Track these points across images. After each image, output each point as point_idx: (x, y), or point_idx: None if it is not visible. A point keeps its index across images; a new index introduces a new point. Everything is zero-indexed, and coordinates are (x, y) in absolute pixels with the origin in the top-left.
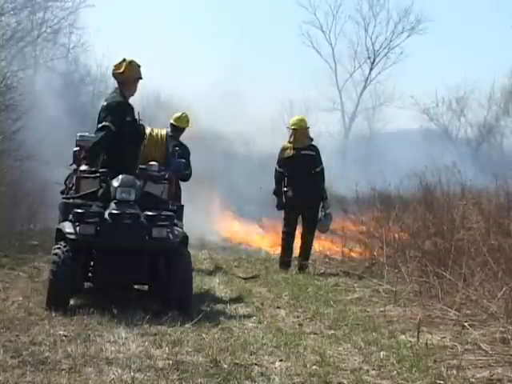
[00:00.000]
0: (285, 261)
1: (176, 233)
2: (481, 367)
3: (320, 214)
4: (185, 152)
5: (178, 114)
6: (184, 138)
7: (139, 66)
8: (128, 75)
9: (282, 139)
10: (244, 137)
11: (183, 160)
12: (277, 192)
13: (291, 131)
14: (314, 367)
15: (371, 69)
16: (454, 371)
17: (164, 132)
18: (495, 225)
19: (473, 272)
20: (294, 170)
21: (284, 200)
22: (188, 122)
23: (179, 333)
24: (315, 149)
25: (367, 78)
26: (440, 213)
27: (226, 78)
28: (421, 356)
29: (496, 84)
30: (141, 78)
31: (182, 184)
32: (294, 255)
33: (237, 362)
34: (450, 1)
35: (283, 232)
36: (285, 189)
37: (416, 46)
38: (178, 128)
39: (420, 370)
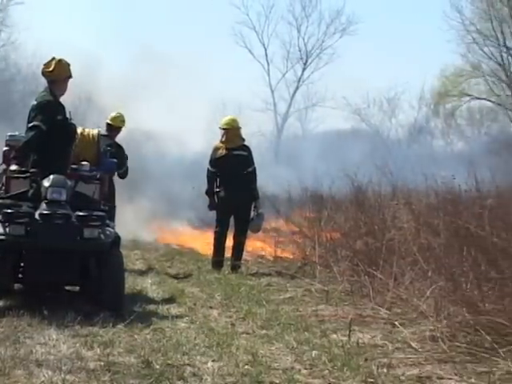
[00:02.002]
0: (217, 261)
1: (108, 233)
2: (410, 365)
3: (252, 214)
4: (119, 152)
5: (114, 114)
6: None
7: (69, 65)
8: (58, 74)
9: (214, 139)
10: (176, 137)
11: (115, 160)
12: (209, 192)
13: (223, 131)
14: (247, 367)
15: (304, 69)
16: (385, 369)
17: (96, 132)
18: (425, 224)
19: (403, 271)
20: (226, 170)
21: (216, 200)
22: (123, 121)
23: (111, 334)
24: (247, 149)
25: (300, 79)
26: (371, 213)
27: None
28: (352, 355)
29: (426, 85)
30: (71, 77)
31: (118, 184)
32: (226, 255)
33: (169, 362)
34: (381, 3)
35: (215, 232)
36: (217, 189)
37: (348, 47)
38: (113, 127)
39: (351, 368)
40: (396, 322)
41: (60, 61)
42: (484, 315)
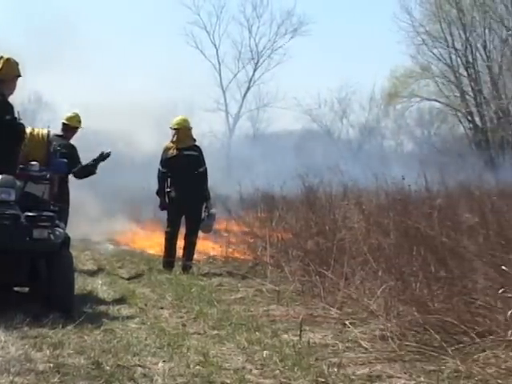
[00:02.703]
0: (168, 261)
1: (57, 234)
2: (361, 364)
3: (203, 214)
4: (72, 152)
5: (70, 114)
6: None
7: (17, 64)
8: (6, 73)
9: (165, 140)
10: (127, 137)
11: (65, 160)
12: (160, 192)
13: (174, 131)
14: (198, 367)
15: (255, 70)
16: (335, 369)
17: (45, 132)
18: (375, 224)
19: (354, 271)
20: (177, 170)
21: (167, 200)
22: (79, 121)
23: (60, 335)
24: (198, 149)
25: (251, 79)
26: (322, 213)
27: (109, 78)
28: (303, 354)
29: (376, 86)
30: (19, 76)
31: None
32: (177, 255)
33: (119, 363)
34: (333, 4)
35: (166, 232)
36: (168, 189)
37: (299, 47)
38: (69, 127)
39: (302, 368)
40: (347, 322)
41: (8, 60)
42: (433, 314)
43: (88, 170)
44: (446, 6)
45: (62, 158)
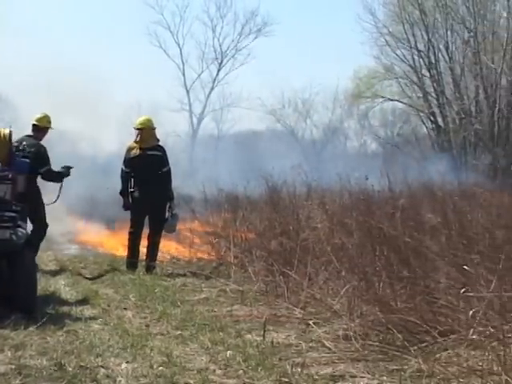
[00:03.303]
0: (132, 262)
1: (19, 234)
2: (324, 364)
3: (167, 215)
4: (41, 153)
5: (40, 115)
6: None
7: None
8: None
9: (129, 140)
10: (90, 137)
11: (27, 160)
12: (123, 192)
13: (138, 131)
14: (161, 368)
15: (219, 70)
16: (299, 368)
17: (7, 131)
18: (339, 224)
19: (317, 271)
20: (140, 170)
21: (131, 200)
22: (50, 122)
23: (22, 336)
24: (162, 149)
25: (215, 79)
26: (286, 213)
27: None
28: (266, 354)
29: (340, 86)
30: None
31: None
32: (141, 256)
33: (82, 364)
34: (296, 4)
35: (129, 233)
36: (131, 189)
37: (263, 47)
38: (39, 128)
39: (266, 368)
40: (310, 322)
41: None
42: (396, 314)
43: (54, 175)
44: (408, 7)
45: (27, 158)
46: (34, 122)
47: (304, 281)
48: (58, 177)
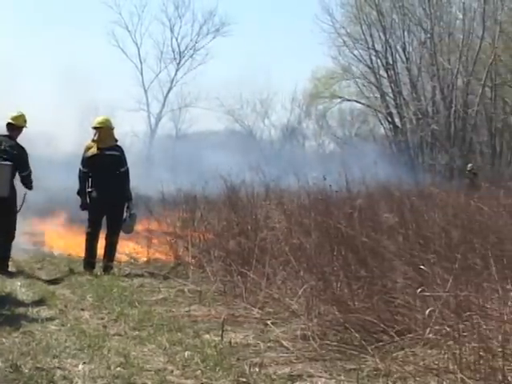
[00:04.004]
0: (89, 262)
1: None
2: (282, 364)
3: (125, 215)
4: (22, 153)
5: (15, 114)
6: None
7: None
8: None
9: (87, 140)
10: (47, 137)
11: (9, 163)
12: (80, 192)
13: (96, 130)
14: (118, 369)
15: (177, 69)
16: (257, 368)
17: None
18: (297, 224)
19: (275, 271)
20: (98, 170)
21: (88, 200)
22: (25, 121)
23: None
24: (120, 149)
25: (173, 79)
26: (244, 213)
27: (30, 76)
28: (224, 354)
29: (298, 87)
30: None
31: None
32: (98, 256)
33: (38, 366)
34: (255, 5)
35: (87, 233)
36: (89, 189)
37: (222, 47)
38: (15, 127)
39: (223, 368)
40: (268, 322)
41: None
42: (353, 313)
43: (31, 181)
44: (366, 8)
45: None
46: (10, 121)
47: (262, 281)
48: (32, 183)
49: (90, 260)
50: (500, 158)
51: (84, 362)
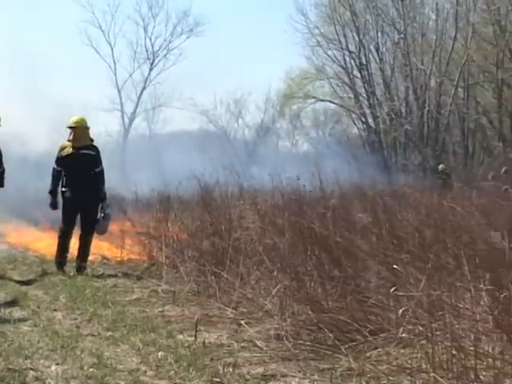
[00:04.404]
0: (62, 262)
1: None
2: (256, 364)
3: (99, 215)
4: None
5: None
6: None
7: None
8: None
9: (60, 140)
10: (20, 137)
11: None
12: (52, 191)
13: (71, 130)
14: (91, 369)
15: (151, 69)
16: (230, 368)
17: None
18: (271, 224)
19: (249, 271)
20: (72, 170)
21: (62, 200)
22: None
23: None
24: (95, 149)
25: (147, 79)
26: (218, 213)
27: None
28: (198, 355)
29: (272, 87)
30: None
31: None
32: (72, 256)
33: (10, 367)
34: (229, 5)
35: (60, 232)
36: (63, 188)
37: (196, 47)
38: None
39: (197, 368)
40: (242, 322)
41: None
42: (327, 313)
43: (3, 179)
44: (340, 8)
45: None
46: None
47: (236, 281)
48: (3, 181)
49: (63, 260)
50: (472, 159)
51: (57, 363)
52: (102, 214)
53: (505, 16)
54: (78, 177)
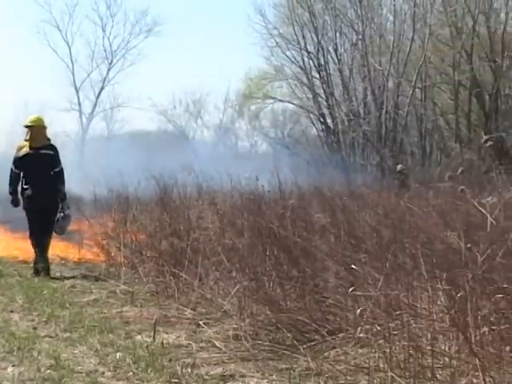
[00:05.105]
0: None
1: None
2: (214, 364)
3: (58, 215)
4: None
5: None
6: None
7: None
8: None
9: (17, 141)
10: None
11: None
12: (12, 193)
13: (28, 129)
14: (49, 371)
15: (109, 69)
16: (189, 369)
17: None
18: (229, 225)
19: (208, 271)
20: (31, 170)
21: (24, 202)
22: None
23: None
24: (54, 148)
25: (105, 79)
26: (177, 213)
27: None
28: (156, 355)
29: (231, 87)
30: None
31: None
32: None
33: None
34: (188, 5)
35: (32, 237)
36: (25, 186)
37: (155, 47)
38: None
39: (155, 369)
40: (200, 322)
41: None
42: (285, 313)
43: None
44: (298, 9)
45: None
46: None
47: (194, 281)
48: None
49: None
50: (430, 159)
51: (13, 365)
52: (62, 214)
53: (461, 18)
54: (37, 177)
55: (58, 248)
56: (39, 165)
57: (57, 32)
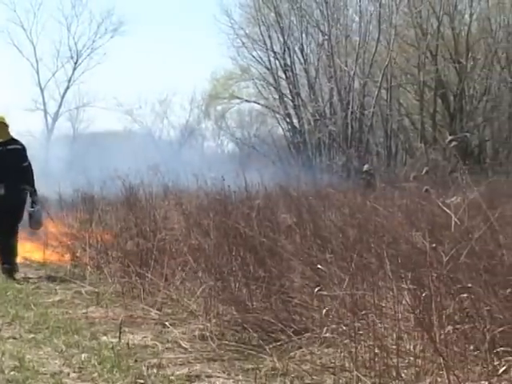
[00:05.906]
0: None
1: None
2: (180, 364)
3: (30, 210)
4: None
5: None
6: None
7: None
8: None
9: None
10: None
11: None
12: None
13: None
14: (13, 373)
15: (74, 69)
16: (155, 370)
17: None
18: (195, 225)
19: (174, 271)
20: (1, 166)
21: None
22: None
23: None
24: (20, 143)
25: (70, 78)
26: (143, 214)
27: None
28: (122, 356)
29: (197, 87)
30: None
31: None
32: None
33: None
34: (153, 5)
35: (1, 236)
36: None
37: (120, 47)
38: None
39: (121, 370)
40: (166, 323)
41: None
42: (252, 313)
43: None
44: (264, 9)
45: None
46: None
47: (160, 281)
48: None
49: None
50: (395, 159)
51: None
52: (34, 209)
53: (426, 19)
54: (8, 173)
55: (22, 249)
56: (8, 160)
57: (21, 31)
